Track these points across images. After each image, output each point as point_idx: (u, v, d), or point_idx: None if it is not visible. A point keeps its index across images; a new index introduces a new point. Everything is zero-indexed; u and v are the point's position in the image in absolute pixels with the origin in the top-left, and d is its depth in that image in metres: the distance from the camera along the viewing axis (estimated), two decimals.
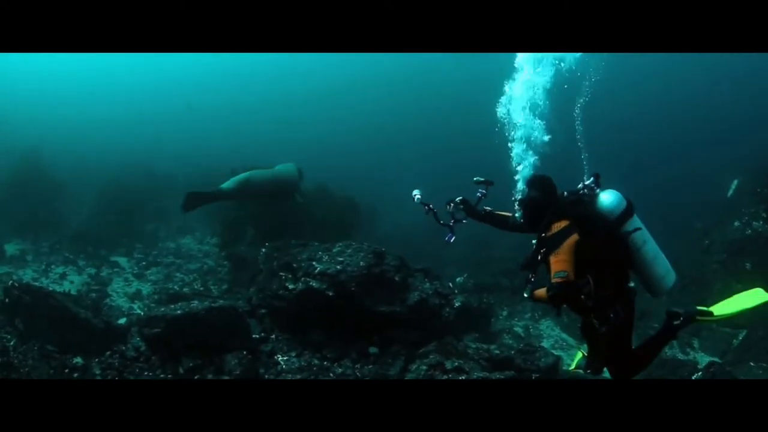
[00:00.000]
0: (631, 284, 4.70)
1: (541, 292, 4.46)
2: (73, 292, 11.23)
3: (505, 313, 14.24)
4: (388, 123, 46.29)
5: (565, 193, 4.82)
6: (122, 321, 9.39)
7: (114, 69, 47.85)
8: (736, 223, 14.86)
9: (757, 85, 36.95)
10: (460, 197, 5.32)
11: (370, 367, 7.24)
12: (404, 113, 47.22)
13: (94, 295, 11.65)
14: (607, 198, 4.65)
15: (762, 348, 11.21)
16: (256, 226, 12.65)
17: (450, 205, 5.35)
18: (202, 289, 12.52)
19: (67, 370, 6.50)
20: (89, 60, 46.16)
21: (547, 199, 4.75)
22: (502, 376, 6.50)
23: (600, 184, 4.73)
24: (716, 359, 11.62)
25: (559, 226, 4.47)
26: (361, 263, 7.57)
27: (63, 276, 12.86)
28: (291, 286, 7.62)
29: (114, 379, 6.05)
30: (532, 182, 4.88)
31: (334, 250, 7.88)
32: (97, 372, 6.65)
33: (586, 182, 4.72)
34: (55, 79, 47.31)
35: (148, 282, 13.58)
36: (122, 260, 14.66)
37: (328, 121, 45.86)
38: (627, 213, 4.67)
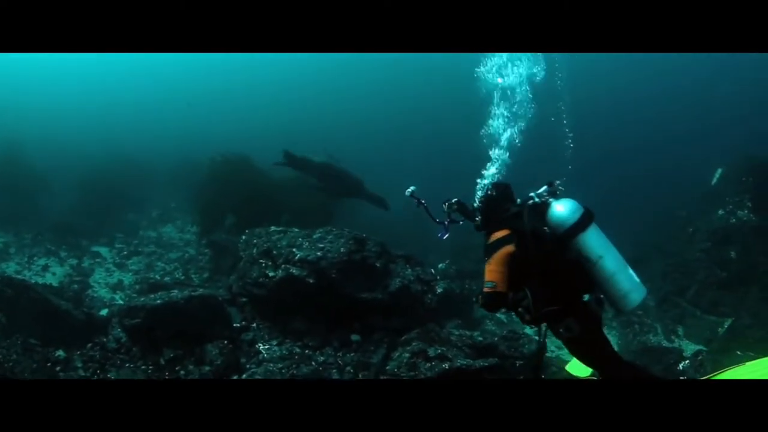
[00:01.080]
0: (586, 297, 4.51)
1: None
2: (55, 284, 11.10)
3: None
4: (376, 116, 46.28)
5: (518, 200, 4.76)
6: (104, 312, 9.28)
7: (92, 60, 47.47)
8: (720, 212, 14.92)
9: (743, 77, 37.22)
10: (456, 198, 5.20)
11: (352, 355, 7.13)
12: (392, 108, 47.31)
13: (75, 286, 11.62)
14: (559, 209, 4.50)
15: (748, 336, 11.11)
16: (236, 213, 12.50)
17: (445, 205, 5.25)
18: (183, 278, 12.43)
19: (49, 364, 6.41)
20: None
21: (495, 206, 4.78)
22: (486, 363, 6.42)
23: (556, 192, 4.66)
24: (702, 347, 11.63)
25: (497, 235, 4.51)
26: (342, 249, 7.44)
27: (45, 268, 12.78)
28: (271, 274, 7.49)
29: (102, 379, 5.90)
30: (491, 188, 4.90)
31: (315, 237, 7.74)
32: (79, 365, 6.58)
33: (539, 190, 4.66)
34: (33, 70, 46.93)
35: (130, 272, 13.56)
36: (103, 250, 14.60)
37: (314, 112, 45.80)
38: (579, 225, 4.49)
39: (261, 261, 7.73)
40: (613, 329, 13.57)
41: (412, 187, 5.24)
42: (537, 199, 4.62)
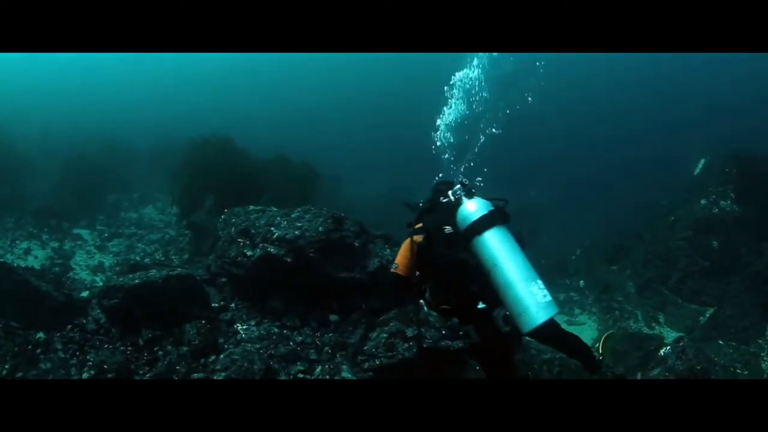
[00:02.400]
0: (480, 306, 4.27)
1: None
2: (36, 267, 11.07)
3: None
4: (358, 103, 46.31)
5: (442, 198, 4.73)
6: (85, 294, 9.23)
7: None
8: (703, 202, 14.99)
9: (730, 70, 37.44)
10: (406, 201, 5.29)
11: (331, 335, 7.08)
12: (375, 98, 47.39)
13: (57, 269, 11.67)
14: (468, 206, 4.43)
15: (730, 326, 11.40)
16: (216, 194, 12.42)
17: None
18: (163, 259, 12.38)
19: (30, 347, 6.33)
20: None
21: (426, 200, 4.86)
22: (462, 345, 6.37)
23: (471, 192, 4.58)
24: (683, 335, 11.69)
25: (414, 226, 4.66)
26: (320, 228, 7.35)
27: (27, 251, 12.77)
28: (249, 253, 7.42)
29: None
30: (435, 186, 4.93)
31: (293, 216, 7.65)
32: (59, 347, 6.52)
33: (454, 189, 4.63)
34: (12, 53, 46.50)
35: (110, 254, 13.57)
36: (84, 233, 14.64)
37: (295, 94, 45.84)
38: (480, 223, 4.34)
39: (239, 240, 7.65)
40: (593, 314, 13.65)
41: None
42: (451, 198, 4.60)
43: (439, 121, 5.52)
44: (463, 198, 4.54)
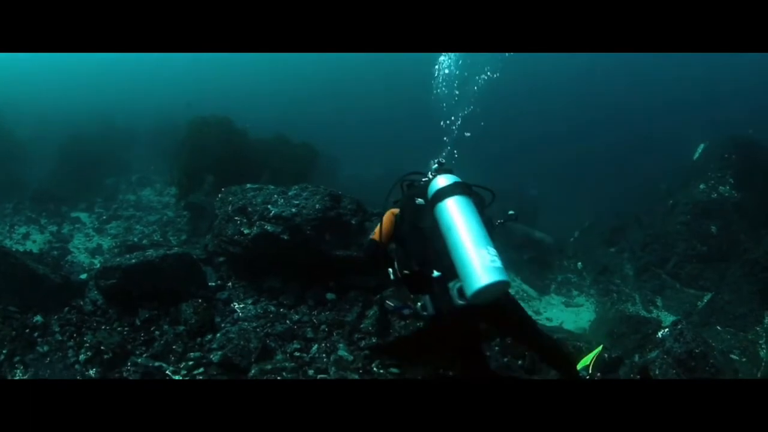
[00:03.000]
0: (436, 274, 4.37)
1: None
2: (35, 251, 11.03)
3: None
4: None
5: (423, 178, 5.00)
6: (83, 277, 9.23)
7: None
8: (702, 186, 14.94)
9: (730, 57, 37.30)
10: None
11: (327, 313, 7.06)
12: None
13: (55, 252, 11.55)
14: (436, 181, 4.62)
15: (728, 312, 11.19)
16: (215, 174, 12.40)
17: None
18: (161, 240, 12.36)
19: (27, 330, 6.34)
20: None
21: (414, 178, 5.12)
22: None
23: (449, 170, 4.88)
24: (680, 318, 11.68)
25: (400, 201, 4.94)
26: (317, 206, 7.33)
27: (26, 236, 12.75)
28: (246, 231, 7.39)
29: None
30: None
31: (290, 193, 7.62)
32: (57, 329, 6.51)
33: (432, 167, 4.96)
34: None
35: (109, 236, 13.54)
36: (83, 216, 14.59)
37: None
38: (443, 191, 4.51)
39: (236, 218, 7.62)
40: (591, 297, 13.63)
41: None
42: (429, 176, 4.84)
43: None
44: (437, 174, 4.74)
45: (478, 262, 4.10)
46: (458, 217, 4.35)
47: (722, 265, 12.94)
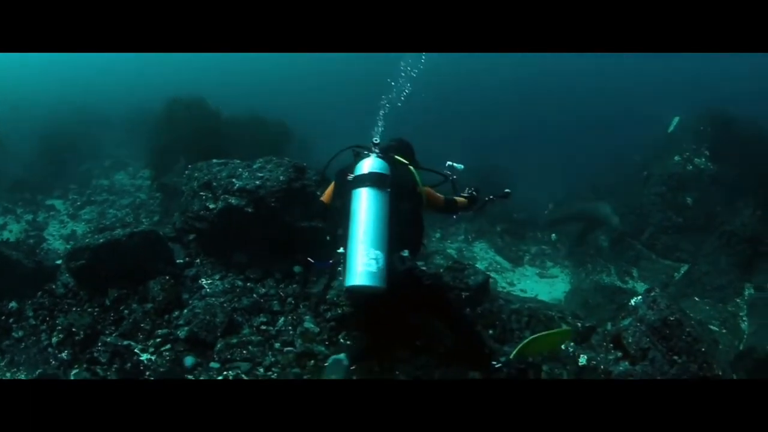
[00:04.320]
0: (340, 251, 4.87)
1: None
2: (12, 241, 11.12)
3: (438, 235, 14.39)
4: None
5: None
6: (59, 263, 9.22)
7: None
8: (677, 158, 15.04)
9: None
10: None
11: (294, 286, 7.01)
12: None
13: (31, 240, 11.61)
14: (363, 162, 5.00)
15: (706, 283, 11.39)
16: (187, 155, 12.33)
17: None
18: (133, 222, 12.32)
19: (3, 317, 6.45)
20: None
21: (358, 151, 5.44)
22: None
23: (382, 152, 5.25)
24: (654, 286, 11.71)
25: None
26: (281, 178, 7.25)
27: (3, 226, 12.74)
28: (211, 206, 7.31)
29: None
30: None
31: (255, 167, 7.54)
32: (30, 314, 6.56)
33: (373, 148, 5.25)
34: None
35: (83, 222, 13.59)
36: (58, 203, 14.60)
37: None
38: (358, 180, 4.86)
39: (202, 194, 7.53)
40: (565, 268, 13.68)
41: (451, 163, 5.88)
42: (366, 152, 5.15)
43: None
44: (371, 154, 5.04)
45: (355, 262, 4.48)
46: (362, 210, 4.64)
47: (699, 236, 13.04)
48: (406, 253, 4.94)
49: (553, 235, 15.71)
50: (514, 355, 5.21)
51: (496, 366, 5.08)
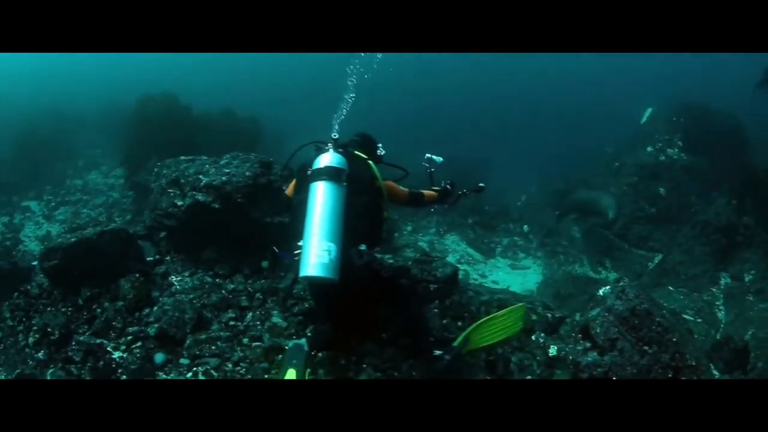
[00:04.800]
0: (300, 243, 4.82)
1: None
2: None
3: (409, 228, 14.43)
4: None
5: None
6: (35, 264, 9.26)
7: None
8: (649, 149, 15.15)
9: None
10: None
11: (263, 281, 7.05)
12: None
13: (8, 243, 11.74)
14: (321, 157, 5.08)
15: (680, 273, 11.41)
16: (159, 152, 12.32)
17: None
18: (105, 221, 12.33)
19: None
20: None
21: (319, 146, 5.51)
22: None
23: (344, 145, 5.39)
24: (622, 275, 11.79)
25: None
26: (247, 173, 7.27)
27: None
28: (179, 203, 7.32)
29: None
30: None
31: (222, 163, 7.56)
32: (8, 315, 6.62)
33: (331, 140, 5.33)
34: None
35: (57, 222, 13.59)
36: (33, 204, 14.70)
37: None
38: (315, 173, 4.94)
39: (170, 191, 7.53)
40: (538, 259, 13.76)
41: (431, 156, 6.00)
42: (326, 147, 5.24)
43: None
44: (330, 149, 5.13)
45: (309, 253, 4.59)
46: (317, 203, 4.74)
47: (673, 226, 13.12)
48: (363, 247, 4.97)
49: (525, 226, 15.80)
50: (459, 342, 5.22)
51: (437, 354, 5.07)
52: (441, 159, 6.03)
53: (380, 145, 6.08)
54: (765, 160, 12.36)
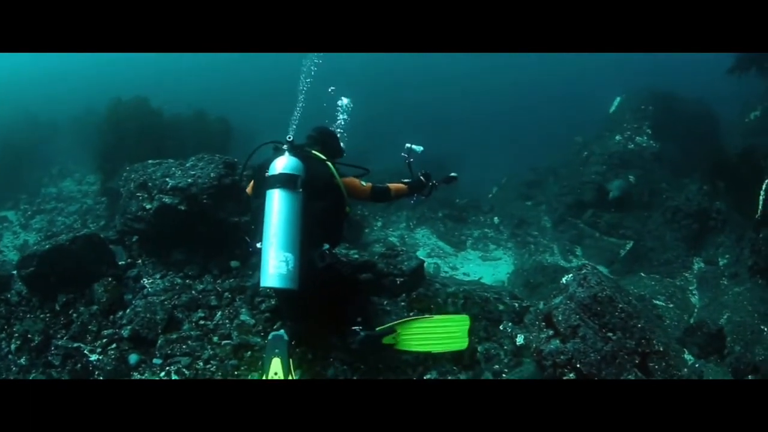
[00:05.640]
0: (258, 245, 4.98)
1: None
2: None
3: (379, 223, 14.49)
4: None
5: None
6: (14, 273, 9.32)
7: None
8: (618, 137, 15.25)
9: None
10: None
11: (231, 281, 7.17)
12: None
13: None
14: (277, 161, 5.09)
15: (652, 259, 11.64)
16: (131, 157, 12.38)
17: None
18: (79, 227, 12.37)
19: None
20: None
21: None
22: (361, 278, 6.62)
23: (300, 147, 5.33)
24: (603, 267, 11.86)
25: None
26: (212, 174, 7.38)
27: None
28: (148, 206, 7.41)
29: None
30: None
31: (187, 165, 7.67)
32: None
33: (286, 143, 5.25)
34: None
35: (34, 231, 13.62)
36: (10, 214, 14.79)
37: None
38: (270, 181, 4.97)
39: (138, 194, 7.63)
40: (508, 250, 13.87)
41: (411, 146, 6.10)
42: (283, 148, 5.21)
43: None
44: (285, 152, 5.12)
45: (267, 264, 4.70)
46: (273, 213, 4.81)
47: (644, 213, 13.18)
48: (326, 246, 5.09)
49: (496, 218, 15.93)
50: (382, 328, 5.43)
51: (354, 329, 5.30)
52: (421, 148, 6.10)
53: (341, 133, 6.20)
54: (735, 144, 12.53)
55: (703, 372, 6.11)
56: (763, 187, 7.93)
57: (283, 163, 4.98)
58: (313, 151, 5.48)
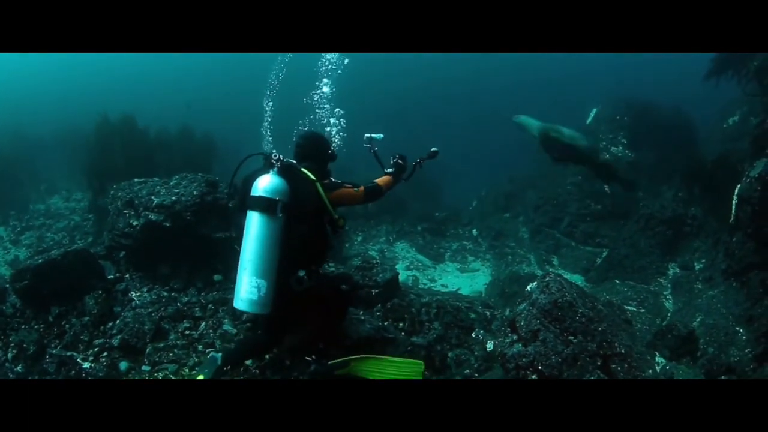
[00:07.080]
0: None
1: None
2: None
3: (359, 238, 14.67)
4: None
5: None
6: (7, 286, 9.53)
7: None
8: None
9: None
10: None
11: (215, 293, 7.51)
12: None
13: None
14: (260, 180, 4.89)
15: (626, 266, 11.69)
16: (118, 176, 12.63)
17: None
18: (68, 243, 12.63)
19: None
20: None
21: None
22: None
23: (282, 168, 4.96)
24: (578, 276, 12.12)
25: None
26: (195, 192, 7.75)
27: None
28: (134, 223, 7.74)
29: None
30: None
31: (171, 183, 8.03)
32: None
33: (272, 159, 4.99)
34: None
35: (23, 247, 13.77)
36: (0, 230, 15.01)
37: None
38: (251, 202, 4.86)
39: (125, 212, 7.95)
40: (486, 261, 14.09)
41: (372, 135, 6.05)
42: (272, 162, 4.98)
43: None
44: (271, 171, 4.92)
45: (240, 288, 4.78)
46: (250, 237, 4.80)
47: (620, 222, 13.31)
48: (302, 273, 5.00)
49: (474, 230, 16.32)
50: (335, 362, 5.45)
51: (308, 359, 5.41)
52: (381, 136, 6.03)
53: (333, 138, 6.21)
54: (711, 150, 12.70)
55: (674, 374, 6.32)
56: (736, 191, 7.97)
57: (265, 184, 4.79)
58: (302, 169, 5.13)
